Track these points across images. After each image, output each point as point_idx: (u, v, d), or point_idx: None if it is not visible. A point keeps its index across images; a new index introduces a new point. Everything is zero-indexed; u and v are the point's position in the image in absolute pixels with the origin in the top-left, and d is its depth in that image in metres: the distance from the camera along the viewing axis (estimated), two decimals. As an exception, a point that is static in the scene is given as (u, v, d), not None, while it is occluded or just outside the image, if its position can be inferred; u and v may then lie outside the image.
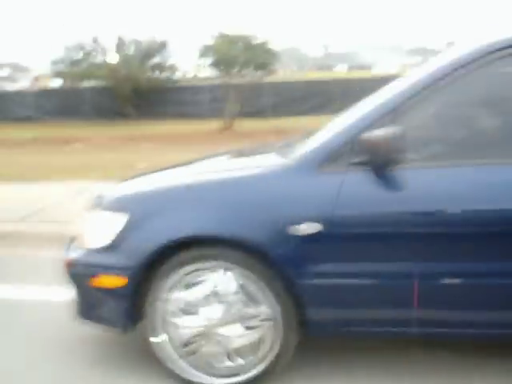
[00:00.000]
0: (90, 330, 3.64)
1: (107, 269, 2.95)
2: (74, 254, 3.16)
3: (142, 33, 33.62)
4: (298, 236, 2.67)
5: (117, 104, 25.44)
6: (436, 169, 2.65)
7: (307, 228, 2.65)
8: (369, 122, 2.68)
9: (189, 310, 2.89)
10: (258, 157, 3.53)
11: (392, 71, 50.15)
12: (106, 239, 2.97)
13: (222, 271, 2.83)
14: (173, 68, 26.99)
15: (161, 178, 3.35)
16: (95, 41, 26.00)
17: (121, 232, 2.92)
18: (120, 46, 26.16)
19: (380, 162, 2.60)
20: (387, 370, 3.11)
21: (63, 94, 26.90)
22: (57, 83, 28.92)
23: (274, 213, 2.72)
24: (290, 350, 2.89)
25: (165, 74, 26.67)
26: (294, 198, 2.72)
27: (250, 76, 20.05)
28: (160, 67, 26.53)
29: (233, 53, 18.22)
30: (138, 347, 3.47)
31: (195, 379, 2.98)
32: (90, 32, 26.16)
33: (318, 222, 2.64)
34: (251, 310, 2.83)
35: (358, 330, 2.87)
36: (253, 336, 2.86)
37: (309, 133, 3.69)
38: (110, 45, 26.21)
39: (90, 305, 3.14)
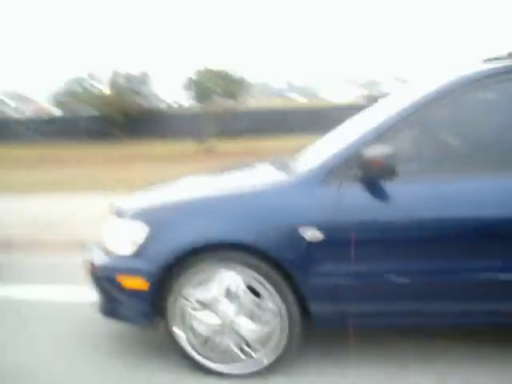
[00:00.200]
0: (111, 326, 3.65)
1: (131, 272, 2.95)
2: (100, 259, 3.14)
3: (132, 66, 33.55)
4: (304, 242, 2.72)
5: (108, 129, 25.39)
6: (421, 182, 2.74)
7: (312, 234, 2.71)
8: (364, 142, 2.77)
9: (206, 308, 2.91)
10: (259, 173, 3.55)
11: (347, 101, 50.74)
12: (130, 246, 2.97)
13: (234, 273, 2.85)
14: (158, 98, 27.02)
15: (176, 192, 3.35)
16: (91, 75, 26.00)
17: (144, 240, 2.92)
18: (113, 78, 26.11)
19: (374, 177, 2.69)
20: (379, 355, 3.15)
21: (61, 120, 26.73)
22: (57, 112, 28.67)
23: (285, 222, 2.77)
24: (296, 340, 2.91)
25: (151, 104, 26.67)
26: (301, 209, 2.77)
27: (225, 104, 20.14)
28: (147, 97, 26.53)
29: (212, 86, 18.29)
30: (154, 341, 3.47)
31: (214, 368, 2.99)
32: (86, 65, 26.01)
33: (320, 229, 2.71)
34: (260, 307, 2.86)
35: (357, 321, 2.90)
36: (263, 330, 2.88)
37: (297, 152, 3.76)
38: (104, 78, 26.21)
39: (114, 304, 3.12)
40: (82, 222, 6.87)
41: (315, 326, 2.91)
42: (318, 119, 26.31)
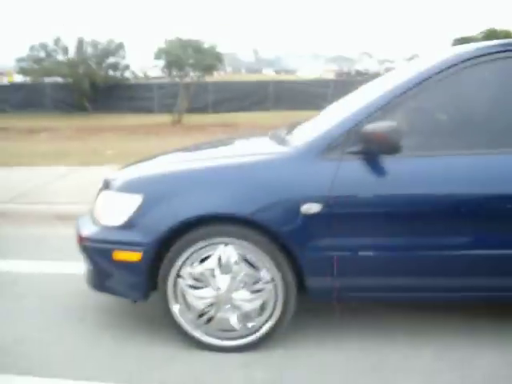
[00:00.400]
0: (98, 299, 3.57)
1: (124, 245, 2.86)
2: (90, 231, 3.04)
3: (100, 34, 32.72)
4: (301, 215, 2.68)
5: (75, 99, 24.77)
6: (420, 158, 2.72)
7: (310, 208, 2.67)
8: (364, 116, 2.73)
9: (201, 281, 2.86)
10: (255, 145, 3.48)
11: (314, 76, 50.76)
12: (122, 218, 2.88)
13: (230, 246, 2.80)
14: (127, 67, 26.39)
15: (167, 164, 3.25)
16: (57, 41, 25.10)
17: (137, 211, 2.84)
18: (79, 46, 25.34)
19: (377, 151, 2.66)
20: (379, 328, 3.16)
21: (26, 89, 25.89)
22: (20, 79, 27.68)
23: (282, 194, 2.72)
24: (290, 312, 2.89)
25: (119, 73, 26.06)
26: (299, 181, 2.73)
27: (195, 76, 19.84)
28: (115, 66, 25.89)
29: (184, 55, 17.96)
30: (144, 314, 3.42)
31: (211, 342, 2.95)
32: (52, 32, 25.18)
33: (319, 202, 2.67)
34: (255, 279, 2.83)
35: (352, 296, 2.91)
36: (258, 301, 2.85)
37: (293, 124, 3.72)
38: (71, 44, 25.38)
39: (105, 277, 3.03)
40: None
41: (311, 300, 2.90)
42: (288, 93, 26.29)
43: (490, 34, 23.18)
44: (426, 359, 2.85)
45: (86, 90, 24.28)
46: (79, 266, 4.15)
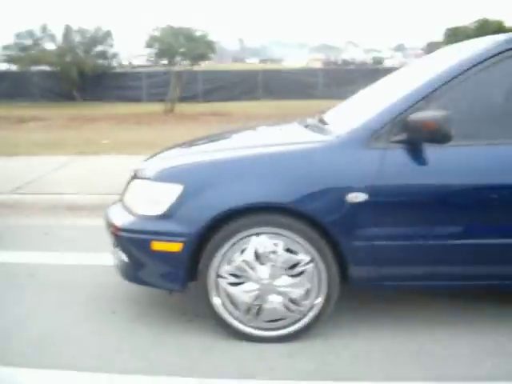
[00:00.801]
0: (128, 290, 3.53)
1: (163, 235, 2.82)
2: (125, 221, 2.99)
3: (88, 22, 32.34)
4: (347, 204, 2.68)
5: (63, 88, 24.46)
6: (468, 146, 2.73)
7: (356, 197, 2.67)
8: (409, 105, 2.73)
9: (243, 272, 2.82)
10: (291, 134, 3.45)
11: (301, 65, 50.66)
12: (161, 207, 2.84)
13: (274, 236, 2.78)
14: (115, 56, 26.14)
15: (203, 152, 3.22)
16: (44, 28, 24.75)
17: (177, 201, 2.80)
18: (67, 33, 25.01)
19: (424, 140, 2.66)
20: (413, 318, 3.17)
21: (12, 77, 25.51)
22: (5, 67, 27.26)
23: (328, 184, 2.72)
24: (333, 301, 2.88)
25: (108, 61, 25.79)
26: (344, 170, 2.73)
27: (186, 65, 19.70)
28: (103, 55, 25.63)
29: (176, 43, 17.81)
30: (175, 305, 3.39)
31: (255, 334, 2.91)
32: (39, 19, 24.81)
33: (363, 191, 2.67)
34: (299, 269, 2.80)
35: (394, 284, 2.91)
36: (301, 291, 2.83)
37: (322, 112, 3.71)
38: (58, 32, 25.05)
39: (141, 268, 2.99)
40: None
41: (354, 288, 2.90)
42: (277, 83, 26.28)
43: (484, 25, 23.29)
44: (465, 347, 2.86)
45: (74, 79, 24.04)
46: (95, 257, 4.20)
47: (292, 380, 2.63)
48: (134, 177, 3.14)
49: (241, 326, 2.91)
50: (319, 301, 2.85)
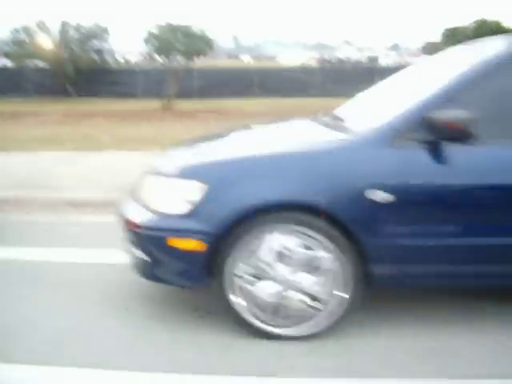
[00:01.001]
0: (142, 288, 3.49)
1: (185, 232, 2.79)
2: (145, 218, 2.93)
3: (84, 17, 32.26)
4: (369, 202, 2.67)
5: (57, 83, 24.31)
6: (488, 146, 2.73)
7: (380, 196, 2.66)
8: (432, 104, 2.72)
9: (266, 271, 2.79)
10: (309, 132, 3.40)
11: (299, 62, 50.54)
12: (183, 206, 2.80)
13: (294, 234, 2.76)
14: (110, 52, 26.03)
15: (223, 149, 3.20)
16: (40, 24, 24.60)
17: (201, 199, 2.76)
18: (63, 29, 24.87)
19: (448, 139, 2.65)
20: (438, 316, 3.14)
21: (6, 72, 25.34)
22: (1, 63, 27.06)
23: (352, 183, 2.71)
24: (357, 300, 2.87)
25: (103, 57, 25.66)
26: (367, 169, 2.72)
27: (183, 61, 19.63)
28: (99, 51, 25.50)
29: (173, 40, 17.72)
30: (190, 303, 3.36)
31: (277, 333, 2.88)
32: (34, 14, 24.69)
33: (387, 190, 2.66)
34: (321, 268, 2.79)
35: (416, 282, 2.90)
36: (323, 290, 2.81)
37: (334, 110, 3.69)
38: (54, 28, 24.88)
39: (160, 266, 2.95)
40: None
41: (376, 286, 2.88)
42: (272, 80, 26.22)
43: (482, 25, 23.35)
44: (489, 345, 2.84)
45: (69, 75, 23.87)
46: (101, 254, 4.17)
47: (313, 378, 2.61)
48: (153, 173, 3.09)
49: (262, 325, 2.87)
50: (340, 298, 2.82)
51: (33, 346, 2.87)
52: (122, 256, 3.30)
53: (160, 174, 3.04)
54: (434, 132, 2.66)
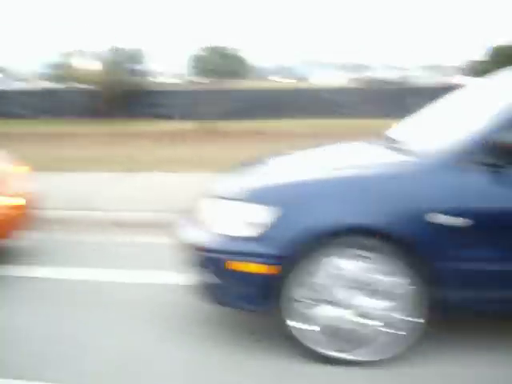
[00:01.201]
0: (197, 310, 3.51)
1: (252, 256, 2.81)
2: (209, 241, 2.96)
3: (126, 41, 33.13)
4: (440, 227, 2.66)
5: (101, 105, 24.87)
6: None
7: (448, 219, 2.65)
8: (498, 127, 2.72)
9: (335, 296, 2.78)
10: (370, 154, 3.42)
11: (338, 84, 50.38)
12: (251, 229, 2.83)
13: (363, 258, 2.76)
14: (152, 74, 26.58)
15: (288, 172, 3.22)
16: (84, 49, 25.45)
17: (271, 223, 2.78)
18: (106, 54, 25.59)
19: None
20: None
21: (54, 94, 26.06)
22: (46, 85, 27.88)
23: (420, 207, 2.71)
24: (424, 326, 2.83)
25: (146, 80, 26.22)
26: (437, 192, 2.72)
27: (226, 83, 19.91)
28: (142, 73, 26.08)
29: (217, 63, 18.03)
30: (246, 326, 3.36)
31: (339, 356, 2.86)
32: (79, 39, 25.51)
33: (457, 214, 2.65)
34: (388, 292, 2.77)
35: (484, 307, 2.87)
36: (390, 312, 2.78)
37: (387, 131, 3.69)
38: (98, 53, 25.61)
39: (222, 288, 2.96)
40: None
41: (446, 311, 2.85)
42: (313, 101, 26.13)
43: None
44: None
45: (116, 97, 24.41)
46: (151, 275, 4.21)
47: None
48: (216, 197, 3.13)
49: (325, 351, 2.85)
50: (409, 324, 2.80)
51: (96, 369, 2.92)
52: (172, 277, 3.34)
53: (224, 198, 3.06)
54: (498, 155, 2.66)
